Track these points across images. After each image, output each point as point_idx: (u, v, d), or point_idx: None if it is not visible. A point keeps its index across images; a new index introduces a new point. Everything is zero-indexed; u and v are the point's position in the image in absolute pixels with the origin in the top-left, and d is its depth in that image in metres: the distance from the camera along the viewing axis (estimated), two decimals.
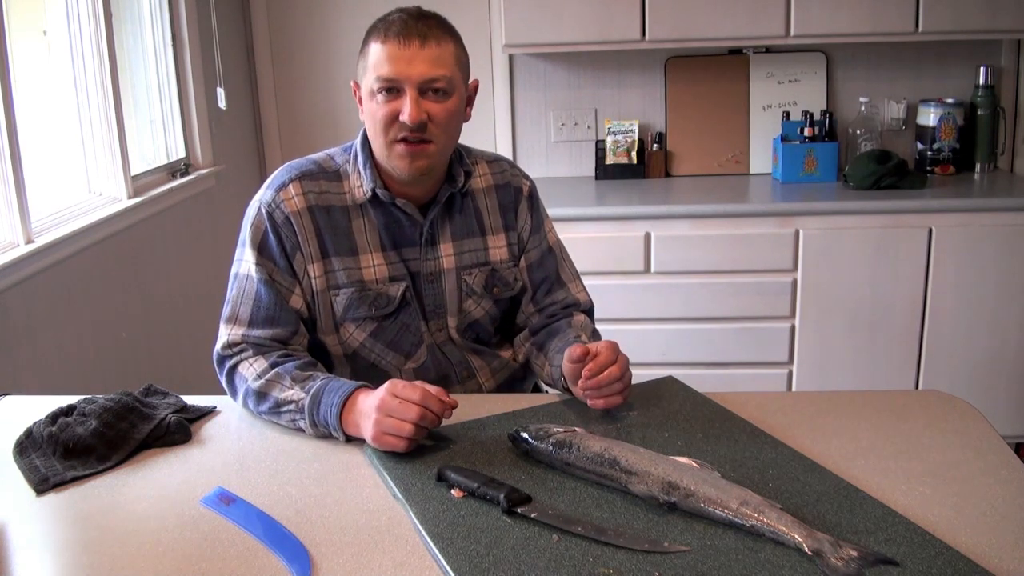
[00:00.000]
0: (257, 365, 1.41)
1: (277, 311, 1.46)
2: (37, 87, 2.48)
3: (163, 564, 1.05)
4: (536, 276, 1.64)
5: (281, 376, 1.38)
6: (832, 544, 0.99)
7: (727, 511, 1.06)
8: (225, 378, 1.46)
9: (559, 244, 1.70)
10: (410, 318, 1.53)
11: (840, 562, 0.97)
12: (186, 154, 3.09)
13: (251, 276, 1.47)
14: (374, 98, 1.42)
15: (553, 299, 1.65)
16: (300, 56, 3.48)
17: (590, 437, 1.22)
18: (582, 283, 1.70)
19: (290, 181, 1.49)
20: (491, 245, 1.59)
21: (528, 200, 1.64)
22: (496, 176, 1.62)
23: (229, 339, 1.46)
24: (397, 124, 1.41)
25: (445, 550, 1.03)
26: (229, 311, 1.49)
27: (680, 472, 1.12)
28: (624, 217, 2.88)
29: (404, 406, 1.24)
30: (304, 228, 1.47)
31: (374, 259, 1.50)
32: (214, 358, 1.48)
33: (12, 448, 1.33)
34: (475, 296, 1.58)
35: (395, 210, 1.50)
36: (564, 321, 1.61)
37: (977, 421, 1.35)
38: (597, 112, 3.38)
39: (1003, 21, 2.86)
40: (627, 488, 1.13)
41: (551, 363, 1.52)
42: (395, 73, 1.38)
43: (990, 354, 2.86)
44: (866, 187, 2.93)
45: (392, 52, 1.38)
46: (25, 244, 2.14)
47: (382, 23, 1.42)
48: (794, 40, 2.98)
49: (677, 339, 2.93)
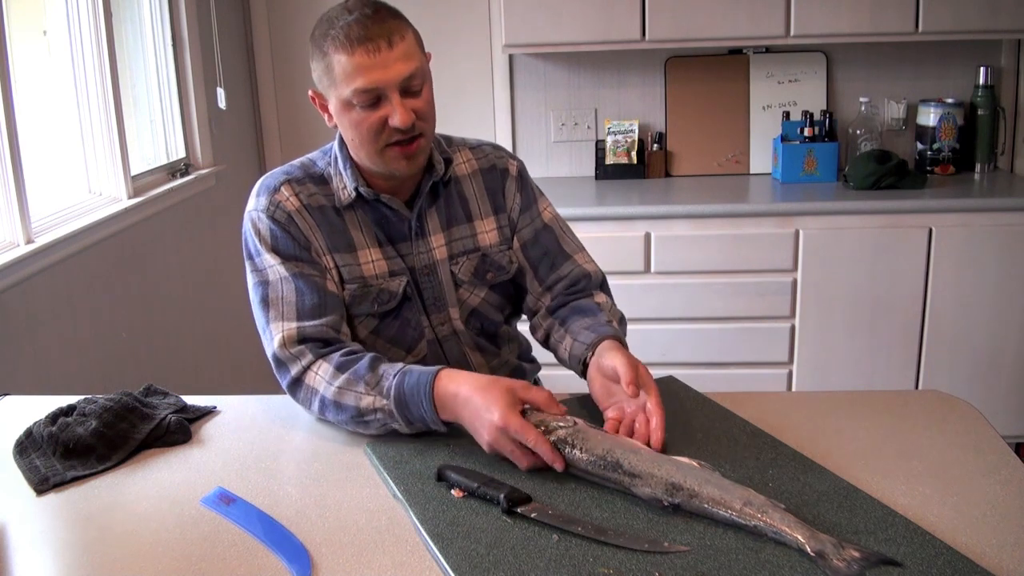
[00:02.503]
0: (323, 372, 1.35)
1: (322, 298, 1.42)
2: (37, 87, 2.48)
3: (163, 564, 1.05)
4: (533, 253, 1.60)
5: (353, 382, 1.32)
6: (835, 545, 0.99)
7: (731, 511, 1.06)
8: (289, 389, 1.39)
9: (558, 219, 1.64)
10: (411, 313, 1.53)
11: (842, 563, 0.97)
12: (186, 154, 3.09)
13: (283, 276, 1.42)
14: (352, 109, 1.38)
15: (559, 274, 1.59)
16: (300, 56, 3.47)
17: (591, 433, 1.21)
18: (588, 255, 1.64)
19: (280, 185, 1.47)
20: (480, 230, 1.57)
21: (517, 180, 1.61)
22: (480, 160, 1.60)
23: (285, 336, 1.39)
24: (388, 131, 1.39)
25: (445, 550, 1.03)
26: (273, 312, 1.41)
27: (683, 473, 1.12)
28: (624, 217, 2.88)
29: (518, 453, 1.21)
30: (307, 223, 1.46)
31: (372, 255, 1.49)
32: (271, 360, 1.40)
33: (12, 448, 1.34)
34: (466, 284, 1.56)
35: (382, 207, 1.49)
36: (589, 301, 1.55)
37: (977, 421, 1.35)
38: (597, 112, 3.38)
39: (1003, 21, 2.86)
40: (630, 490, 1.13)
41: (576, 338, 1.46)
42: (374, 82, 1.34)
43: (990, 354, 2.86)
44: (866, 187, 2.93)
45: (363, 62, 1.33)
46: (25, 244, 2.14)
47: (336, 30, 1.35)
48: (794, 40, 2.98)
49: (677, 339, 2.93)
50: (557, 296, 1.59)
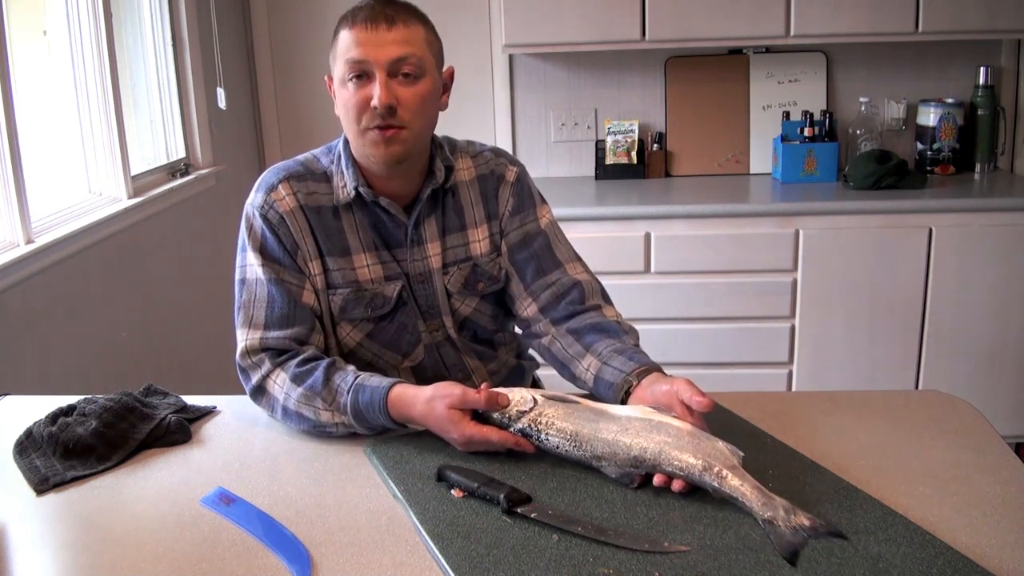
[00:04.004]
0: (280, 381, 1.38)
1: (292, 309, 1.43)
2: (37, 87, 2.48)
3: (163, 564, 1.05)
4: (520, 257, 1.55)
5: (310, 398, 1.35)
6: (787, 511, 1.01)
7: (691, 474, 1.11)
8: (252, 396, 1.42)
9: (554, 227, 1.60)
10: (407, 318, 1.52)
11: (788, 530, 0.99)
12: (186, 154, 3.09)
13: (259, 279, 1.44)
14: (345, 86, 1.40)
15: (547, 280, 1.54)
16: (300, 56, 3.48)
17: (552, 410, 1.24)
18: (583, 265, 1.58)
19: (279, 182, 1.47)
20: (472, 239, 1.55)
21: (513, 185, 1.57)
22: (480, 167, 1.57)
23: (247, 345, 1.42)
24: (369, 111, 1.39)
25: (445, 550, 1.03)
26: (243, 317, 1.44)
27: (640, 439, 1.16)
28: (624, 217, 2.88)
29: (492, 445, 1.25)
30: (299, 226, 1.45)
31: (367, 259, 1.48)
32: (236, 368, 1.44)
33: (12, 448, 1.34)
34: (456, 295, 1.54)
35: (379, 210, 1.48)
36: (600, 316, 1.50)
37: (977, 421, 1.35)
38: (597, 112, 3.38)
39: (1003, 21, 2.86)
40: (600, 471, 1.18)
41: (607, 362, 1.39)
42: (363, 55, 1.36)
43: (990, 354, 2.86)
44: (866, 187, 2.93)
45: (359, 36, 1.37)
46: (25, 244, 2.14)
47: (351, 11, 1.40)
48: (794, 40, 2.98)
49: (677, 339, 2.93)
50: (547, 305, 1.53)
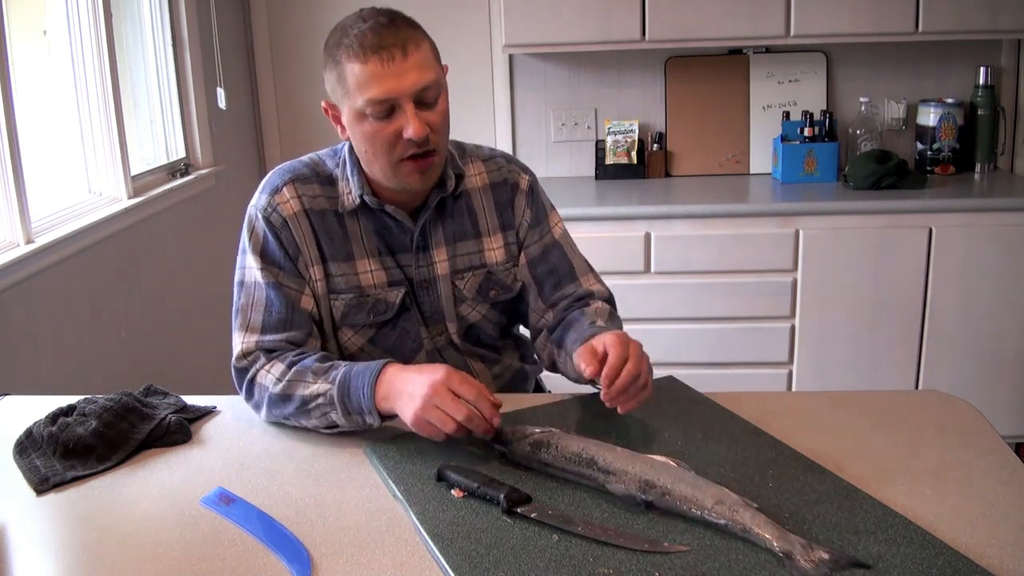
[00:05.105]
0: (275, 370, 1.36)
1: (289, 314, 1.42)
2: (37, 87, 2.48)
3: (163, 564, 1.05)
4: (540, 271, 1.57)
5: (302, 373, 1.33)
6: (803, 546, 0.98)
7: (702, 510, 1.06)
8: (245, 393, 1.41)
9: (565, 235, 1.62)
10: (409, 324, 1.51)
11: (810, 564, 0.96)
12: (186, 154, 3.09)
13: (258, 282, 1.43)
14: (365, 120, 1.35)
15: (563, 292, 1.57)
16: (300, 56, 3.48)
17: (567, 437, 1.22)
18: (597, 276, 1.61)
19: (284, 185, 1.46)
20: (487, 247, 1.55)
21: (527, 195, 1.58)
22: (492, 174, 1.57)
23: (243, 348, 1.41)
24: (402, 143, 1.35)
25: (445, 550, 1.03)
26: (240, 320, 1.43)
27: (657, 471, 1.12)
28: (624, 217, 2.88)
29: (455, 403, 1.20)
30: (302, 230, 1.44)
31: (371, 264, 1.47)
32: (232, 372, 1.43)
33: (12, 448, 1.34)
34: (469, 301, 1.54)
35: (385, 216, 1.47)
36: (578, 311, 1.53)
37: (977, 421, 1.35)
38: (597, 112, 3.38)
39: (1003, 21, 2.86)
40: (604, 487, 1.14)
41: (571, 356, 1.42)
42: (388, 92, 1.31)
43: (990, 354, 2.86)
44: (866, 187, 2.93)
45: (376, 70, 1.31)
46: (25, 244, 2.14)
47: (350, 38, 1.32)
48: (794, 40, 2.98)
49: (677, 339, 2.93)
50: (558, 313, 1.56)
